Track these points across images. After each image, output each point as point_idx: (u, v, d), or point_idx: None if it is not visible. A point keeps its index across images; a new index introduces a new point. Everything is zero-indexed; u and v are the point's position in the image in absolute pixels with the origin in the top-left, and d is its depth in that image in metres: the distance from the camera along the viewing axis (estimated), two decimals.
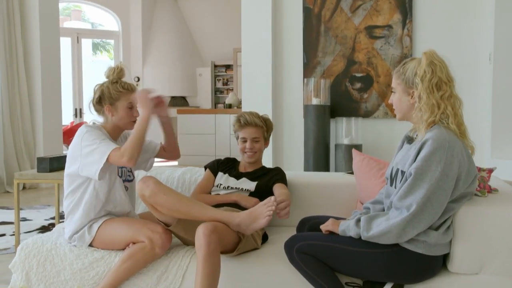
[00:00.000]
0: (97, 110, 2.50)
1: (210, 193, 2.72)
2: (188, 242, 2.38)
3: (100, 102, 2.47)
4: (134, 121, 2.50)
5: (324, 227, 2.14)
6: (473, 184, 1.99)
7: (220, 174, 2.76)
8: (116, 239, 2.34)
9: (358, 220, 2.01)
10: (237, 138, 2.77)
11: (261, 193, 2.60)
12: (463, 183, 1.93)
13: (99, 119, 2.54)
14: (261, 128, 2.72)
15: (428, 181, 1.86)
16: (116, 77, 2.48)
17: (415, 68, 2.00)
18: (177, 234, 2.38)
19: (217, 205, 2.52)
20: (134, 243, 2.29)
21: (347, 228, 2.04)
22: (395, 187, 2.02)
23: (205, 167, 2.86)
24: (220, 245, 2.12)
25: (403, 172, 1.99)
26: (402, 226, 1.88)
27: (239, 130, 2.73)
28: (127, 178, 2.55)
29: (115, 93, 2.44)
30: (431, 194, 1.86)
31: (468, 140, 2.01)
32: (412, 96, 2.02)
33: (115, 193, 2.43)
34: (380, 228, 1.92)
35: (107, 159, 2.27)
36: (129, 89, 2.49)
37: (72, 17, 11.44)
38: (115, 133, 2.50)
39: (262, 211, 2.15)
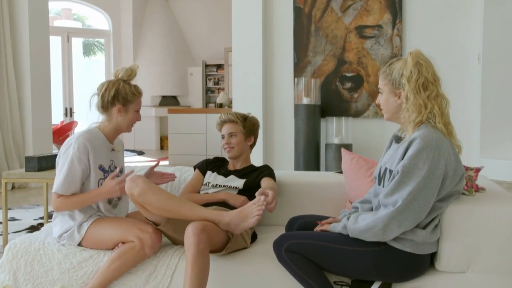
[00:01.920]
0: (104, 109, 2.42)
1: (199, 193, 2.72)
2: (177, 242, 2.38)
3: (113, 100, 2.40)
4: (133, 125, 2.51)
5: (320, 224, 2.20)
6: (460, 183, 2.00)
7: (208, 173, 2.77)
8: (106, 239, 2.33)
9: (349, 217, 2.05)
10: (222, 137, 2.84)
11: (250, 190, 2.62)
12: (450, 181, 1.94)
13: (95, 119, 2.50)
14: (235, 123, 2.78)
15: (415, 178, 1.88)
16: (132, 78, 2.45)
17: (401, 68, 2.00)
18: (166, 233, 2.38)
19: (206, 204, 2.53)
20: (123, 242, 2.29)
21: (337, 224, 2.07)
22: (383, 186, 2.04)
23: (194, 167, 2.87)
24: (209, 244, 2.12)
25: (391, 171, 2.00)
26: (387, 222, 1.89)
27: (220, 129, 2.83)
28: None
29: (130, 95, 2.41)
30: (417, 192, 1.87)
31: (455, 139, 2.02)
32: (399, 97, 2.03)
33: (98, 204, 2.43)
34: (366, 222, 1.94)
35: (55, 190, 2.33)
36: (141, 93, 2.49)
37: (63, 16, 11.37)
38: (114, 135, 2.49)
39: (251, 210, 2.15)
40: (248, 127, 2.81)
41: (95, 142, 2.38)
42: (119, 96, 2.39)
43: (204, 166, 2.83)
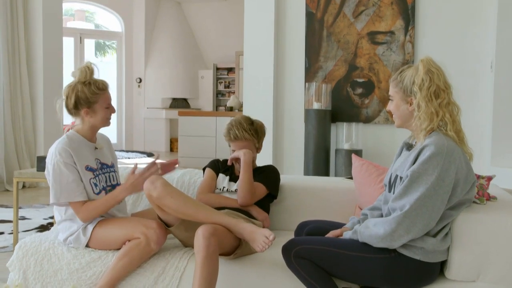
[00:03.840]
0: (72, 114, 2.42)
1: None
2: (188, 244, 2.38)
3: (76, 106, 2.38)
4: (110, 118, 2.47)
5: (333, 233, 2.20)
6: (471, 191, 1.99)
7: (222, 175, 2.76)
8: (112, 239, 2.34)
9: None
10: (229, 145, 2.76)
11: None
12: (461, 189, 1.93)
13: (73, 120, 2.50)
14: (251, 141, 2.69)
15: (424, 184, 1.87)
16: (89, 78, 2.39)
17: (412, 76, 2.00)
18: (176, 236, 2.39)
19: (220, 208, 2.53)
20: (130, 241, 2.29)
21: (349, 231, 2.08)
22: (394, 193, 2.03)
23: (204, 168, 2.84)
24: (219, 248, 2.13)
25: (401, 178, 1.99)
26: (394, 226, 1.88)
27: (230, 142, 2.72)
28: (118, 182, 2.56)
29: (92, 96, 2.36)
30: (426, 198, 1.86)
31: (466, 147, 2.01)
32: (410, 104, 2.02)
33: None
34: (375, 226, 1.95)
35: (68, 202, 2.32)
36: (104, 88, 2.42)
37: (76, 17, 11.46)
38: (92, 134, 2.48)
39: (260, 240, 2.12)
40: (261, 140, 2.76)
41: (75, 145, 2.37)
42: (81, 101, 2.36)
43: (217, 166, 2.80)
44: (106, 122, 2.46)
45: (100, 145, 2.52)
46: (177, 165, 2.55)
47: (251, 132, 2.68)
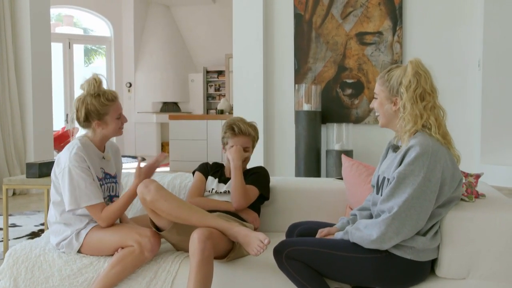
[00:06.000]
0: (85, 127, 2.41)
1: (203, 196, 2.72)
2: (180, 248, 2.38)
3: (87, 119, 2.38)
4: (122, 128, 2.48)
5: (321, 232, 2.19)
6: (458, 188, 2.00)
7: (210, 178, 2.76)
8: (105, 245, 2.33)
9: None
10: (225, 144, 2.75)
11: None
12: (448, 188, 1.95)
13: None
14: (252, 138, 2.73)
15: (411, 185, 1.88)
16: (97, 90, 2.37)
17: (400, 77, 2.01)
18: (169, 240, 2.38)
19: (212, 210, 2.52)
20: (122, 248, 2.28)
21: (340, 232, 2.08)
22: (381, 195, 2.04)
23: (194, 172, 2.84)
24: (214, 251, 2.12)
25: (389, 180, 2.00)
26: (384, 228, 1.89)
27: (231, 138, 2.70)
28: (117, 194, 2.55)
29: (102, 108, 2.36)
30: (414, 200, 1.87)
31: (454, 149, 2.02)
32: (394, 104, 2.03)
33: None
34: (366, 229, 1.95)
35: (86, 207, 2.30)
36: (114, 99, 2.41)
37: (64, 23, 11.41)
38: (102, 143, 2.47)
39: (254, 244, 2.12)
40: (257, 140, 2.79)
41: (87, 150, 2.37)
42: (91, 113, 2.36)
43: (207, 169, 2.80)
44: (118, 132, 2.46)
45: (108, 156, 2.50)
46: (166, 155, 2.57)
47: (255, 129, 2.76)
